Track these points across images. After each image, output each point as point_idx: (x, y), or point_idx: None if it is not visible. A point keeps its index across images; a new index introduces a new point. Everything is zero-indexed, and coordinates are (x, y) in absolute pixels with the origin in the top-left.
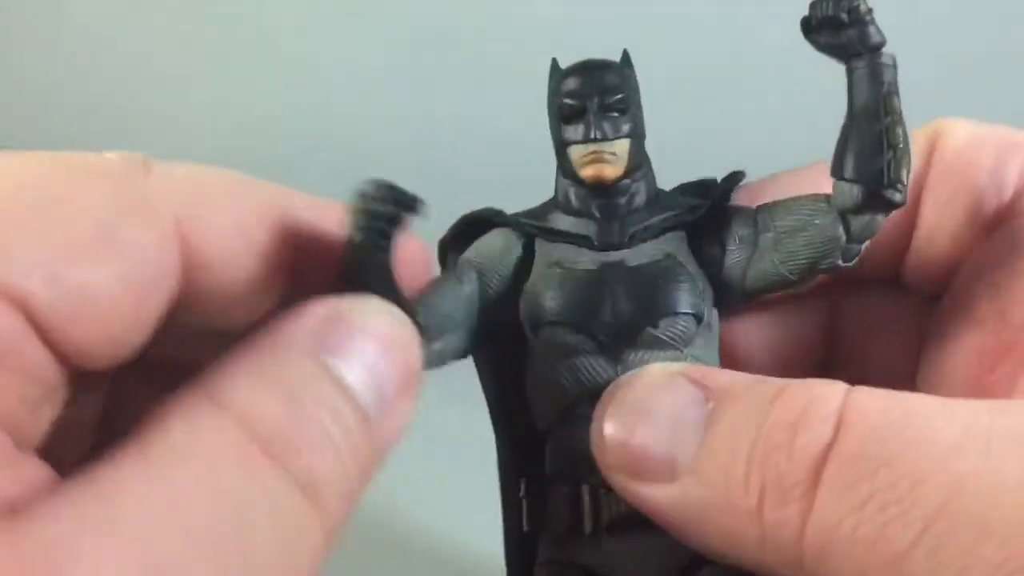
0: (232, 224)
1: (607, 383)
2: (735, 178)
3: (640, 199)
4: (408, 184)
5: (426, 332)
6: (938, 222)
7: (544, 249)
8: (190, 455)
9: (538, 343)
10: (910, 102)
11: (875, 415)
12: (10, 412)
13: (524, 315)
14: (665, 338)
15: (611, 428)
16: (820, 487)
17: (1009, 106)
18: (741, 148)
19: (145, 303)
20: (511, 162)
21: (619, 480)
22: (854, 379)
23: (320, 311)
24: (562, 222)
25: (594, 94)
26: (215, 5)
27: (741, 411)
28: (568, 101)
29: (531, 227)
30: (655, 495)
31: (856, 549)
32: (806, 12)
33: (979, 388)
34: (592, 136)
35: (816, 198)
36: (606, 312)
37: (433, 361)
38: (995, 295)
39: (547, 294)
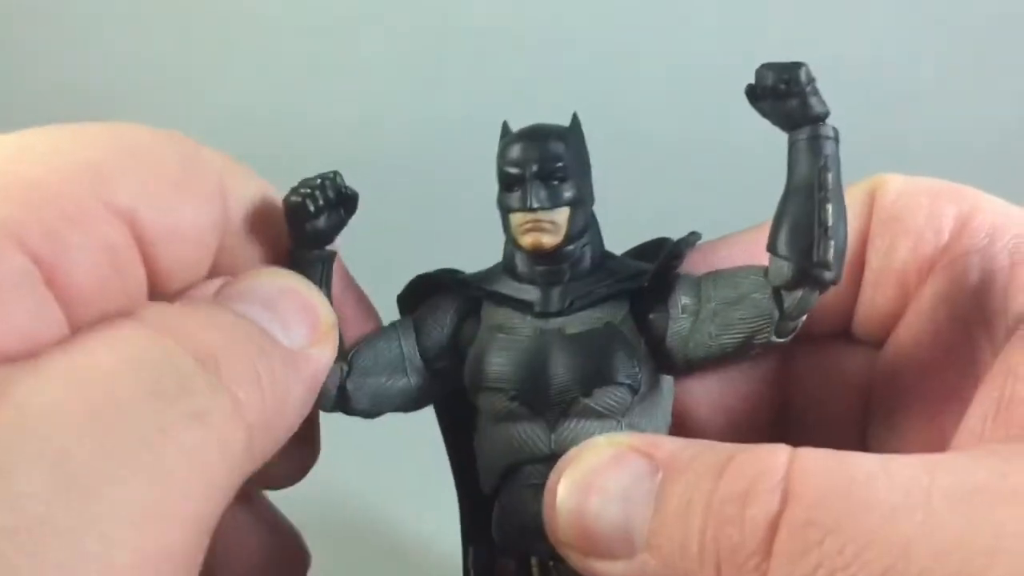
0: (258, 194)
1: (542, 451)
2: (687, 241)
3: (584, 265)
4: (408, 184)
5: (344, 358)
6: (882, 269)
7: (488, 312)
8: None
9: (478, 407)
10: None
11: (819, 479)
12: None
13: (466, 378)
14: (599, 408)
15: (562, 505)
16: (772, 558)
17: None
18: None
19: (210, 239)
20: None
21: (574, 557)
22: (807, 433)
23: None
24: (507, 286)
25: (532, 162)
26: (215, 5)
27: (689, 483)
28: (508, 169)
29: (478, 290)
30: (612, 571)
31: None
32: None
33: (926, 435)
34: (529, 205)
35: (758, 271)
36: (542, 380)
37: (356, 399)
38: (936, 339)
39: (485, 359)
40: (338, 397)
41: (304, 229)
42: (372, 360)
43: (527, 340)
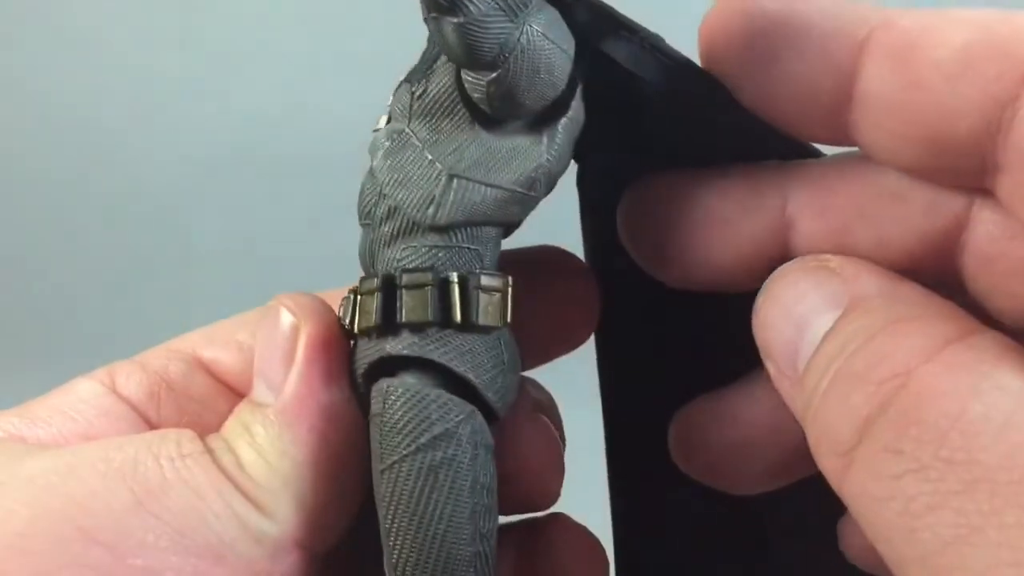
0: None
1: None
2: None
3: None
4: None
5: None
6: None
7: None
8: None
9: None
10: None
11: (947, 399)
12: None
13: None
14: None
15: (756, 316)
16: (854, 463)
17: None
18: None
19: None
20: None
21: (759, 349)
22: None
23: None
24: None
25: None
26: (215, 5)
27: (846, 335)
28: None
29: None
30: (778, 381)
31: (892, 523)
32: None
33: None
34: None
35: None
36: None
37: None
38: None
39: None
40: None
41: None
42: None
43: None
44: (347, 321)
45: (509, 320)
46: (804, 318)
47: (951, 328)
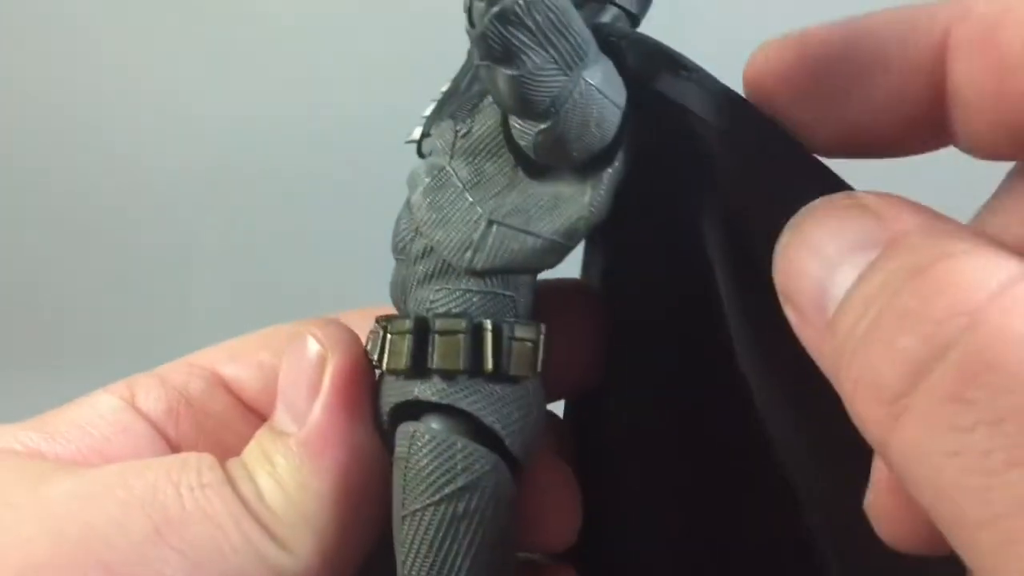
0: None
1: None
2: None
3: None
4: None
5: None
6: None
7: None
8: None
9: None
10: None
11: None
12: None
13: None
14: None
15: (777, 258)
16: (908, 412)
17: None
18: None
19: None
20: None
21: (781, 297)
22: None
23: None
24: None
25: None
26: (215, 5)
27: (890, 272)
28: None
29: None
30: (802, 330)
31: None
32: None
33: None
34: None
35: None
36: None
37: None
38: None
39: None
40: None
41: None
42: None
43: None
44: (375, 357)
45: (539, 370)
46: (836, 257)
47: (1012, 265)
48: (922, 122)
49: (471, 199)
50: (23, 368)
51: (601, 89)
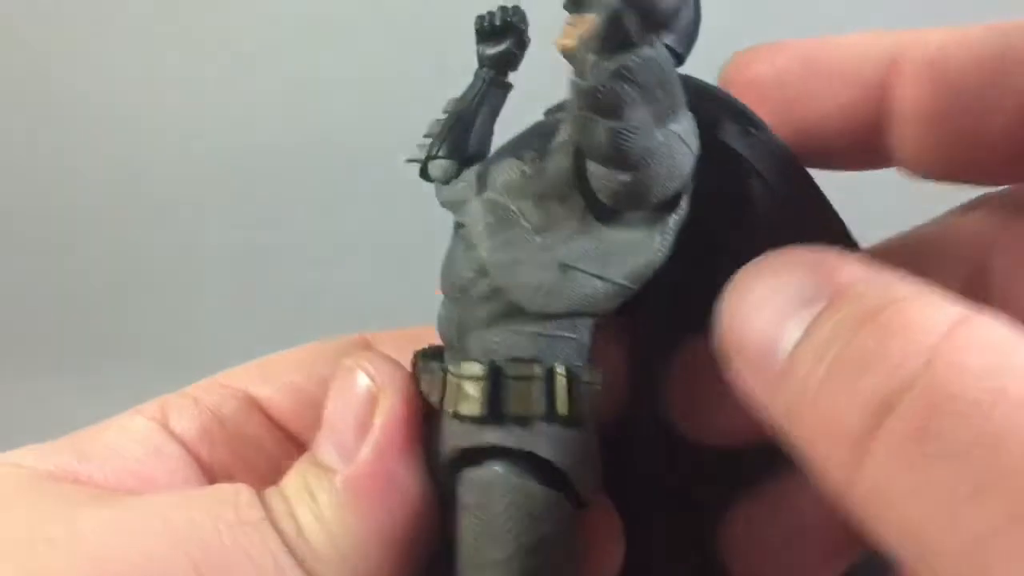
0: None
1: None
2: None
3: None
4: (407, 184)
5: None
6: None
7: None
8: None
9: None
10: None
11: (975, 373)
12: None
13: None
14: None
15: (723, 312)
16: (871, 453)
17: None
18: None
19: None
20: None
21: (724, 354)
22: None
23: None
24: None
25: None
26: (215, 6)
27: (838, 323)
28: None
29: None
30: (751, 381)
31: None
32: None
33: None
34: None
35: None
36: None
37: None
38: None
39: None
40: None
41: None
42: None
43: None
44: (436, 399)
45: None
46: (782, 311)
47: (956, 309)
48: (865, 141)
49: (541, 241)
50: (23, 370)
51: (684, 138)
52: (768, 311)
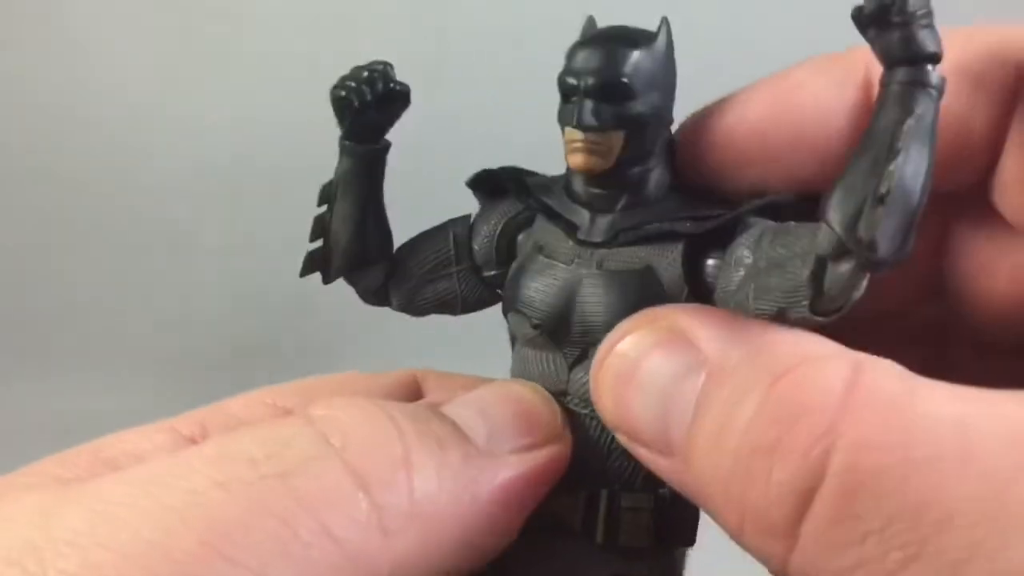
0: None
1: (558, 386)
2: (780, 201)
3: (646, 193)
4: (408, 184)
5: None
6: None
7: (540, 226)
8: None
9: (508, 324)
10: None
11: (878, 430)
12: None
13: (504, 290)
14: None
15: (604, 391)
16: (799, 540)
17: None
18: None
19: None
20: (513, 163)
21: (621, 438)
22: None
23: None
24: (561, 203)
25: (589, 75)
26: (215, 6)
27: (728, 401)
28: (566, 78)
29: (533, 200)
30: (654, 463)
31: None
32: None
33: None
34: (578, 122)
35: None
36: (567, 315)
37: (395, 296)
38: None
39: (520, 280)
40: (379, 293)
41: (350, 123)
42: (417, 259)
43: (563, 268)
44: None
45: None
46: (666, 390)
47: (837, 366)
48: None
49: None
50: (23, 370)
51: None
52: (652, 394)
